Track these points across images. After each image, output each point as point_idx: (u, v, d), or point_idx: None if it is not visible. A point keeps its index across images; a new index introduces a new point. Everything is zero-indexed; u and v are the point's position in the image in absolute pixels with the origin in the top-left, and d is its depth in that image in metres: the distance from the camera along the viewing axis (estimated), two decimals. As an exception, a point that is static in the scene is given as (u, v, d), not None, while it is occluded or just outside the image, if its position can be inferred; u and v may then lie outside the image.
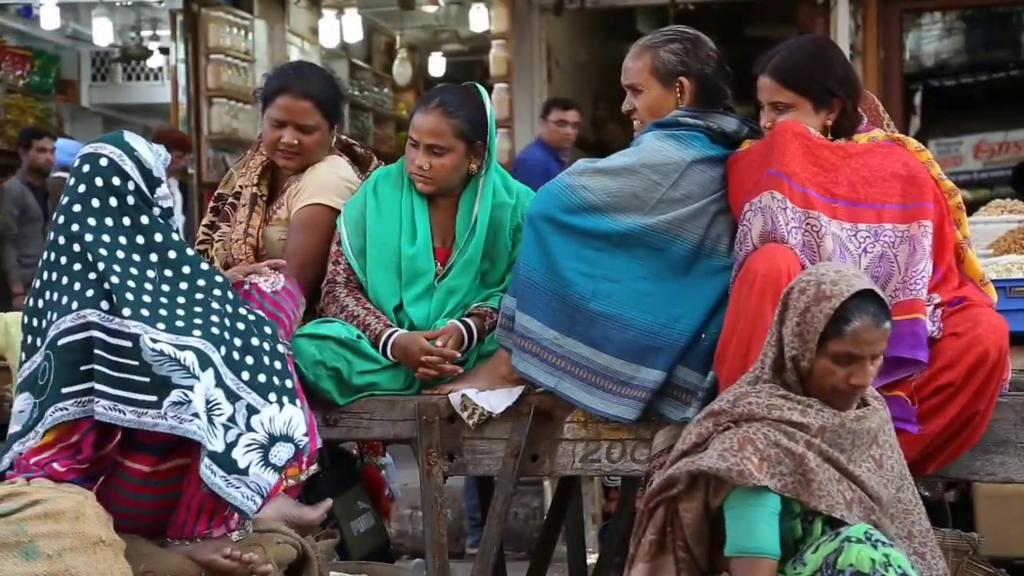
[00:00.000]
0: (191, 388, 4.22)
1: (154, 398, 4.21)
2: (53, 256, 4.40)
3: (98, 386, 4.21)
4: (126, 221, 4.45)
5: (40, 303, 4.40)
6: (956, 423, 4.52)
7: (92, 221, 4.41)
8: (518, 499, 8.26)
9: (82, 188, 4.44)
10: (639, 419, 4.72)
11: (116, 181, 4.45)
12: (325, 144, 5.35)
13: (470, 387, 4.94)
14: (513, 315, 4.82)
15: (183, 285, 4.46)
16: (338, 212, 5.22)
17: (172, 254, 4.48)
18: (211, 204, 5.55)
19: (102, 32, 14.17)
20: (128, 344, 4.25)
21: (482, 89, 5.17)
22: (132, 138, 4.54)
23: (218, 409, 4.28)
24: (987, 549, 5.30)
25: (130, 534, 4.28)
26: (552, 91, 13.24)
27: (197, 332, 4.32)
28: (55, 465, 4.23)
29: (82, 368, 4.26)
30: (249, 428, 4.32)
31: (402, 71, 16.05)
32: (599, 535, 8.25)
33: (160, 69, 15.80)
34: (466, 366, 5.03)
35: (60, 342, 4.28)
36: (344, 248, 5.11)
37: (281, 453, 4.36)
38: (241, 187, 5.43)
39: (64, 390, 4.25)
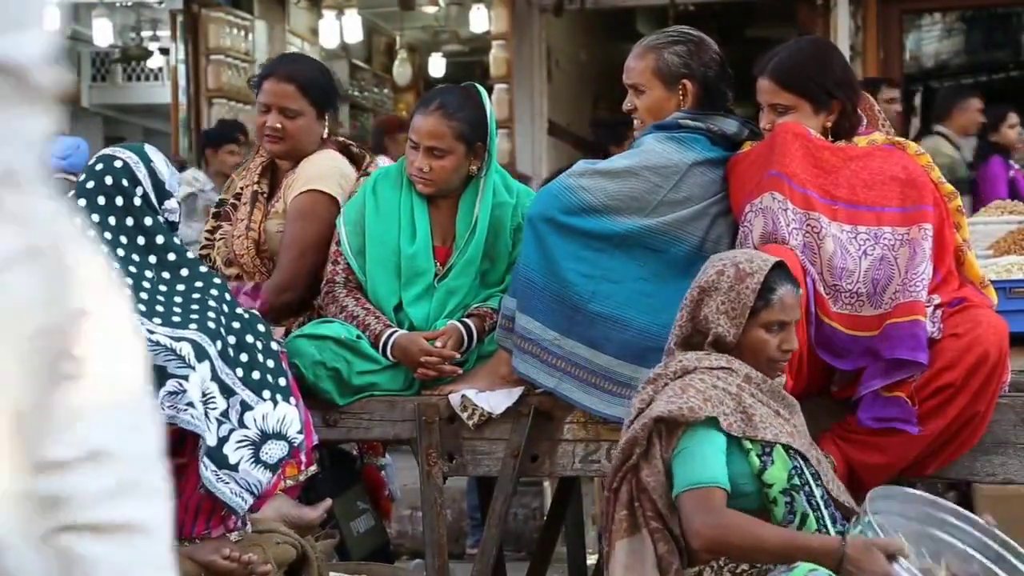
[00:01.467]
0: (186, 378, 4.21)
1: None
2: None
3: None
4: (129, 221, 4.46)
5: None
6: (956, 424, 4.52)
7: (96, 217, 4.43)
8: (518, 500, 8.27)
9: (91, 184, 4.47)
10: (639, 420, 4.73)
11: (125, 183, 4.48)
12: (311, 131, 5.37)
13: (470, 388, 4.94)
14: (513, 316, 4.82)
15: (180, 287, 4.46)
16: (334, 199, 5.25)
17: (172, 256, 4.49)
18: (212, 210, 5.57)
19: (102, 32, 14.19)
20: None
21: (482, 90, 5.18)
22: (152, 151, 4.59)
23: (212, 403, 4.27)
24: (987, 550, 5.29)
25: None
26: (552, 92, 13.26)
27: (193, 326, 4.32)
28: None
29: None
30: (242, 424, 4.31)
31: (402, 72, 16.05)
32: (599, 535, 8.24)
33: (160, 69, 15.81)
34: (466, 367, 5.03)
35: None
36: (343, 248, 5.11)
37: (273, 451, 4.34)
38: (242, 188, 5.46)
39: None
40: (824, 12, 11.80)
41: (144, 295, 4.35)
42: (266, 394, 4.38)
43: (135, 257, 4.43)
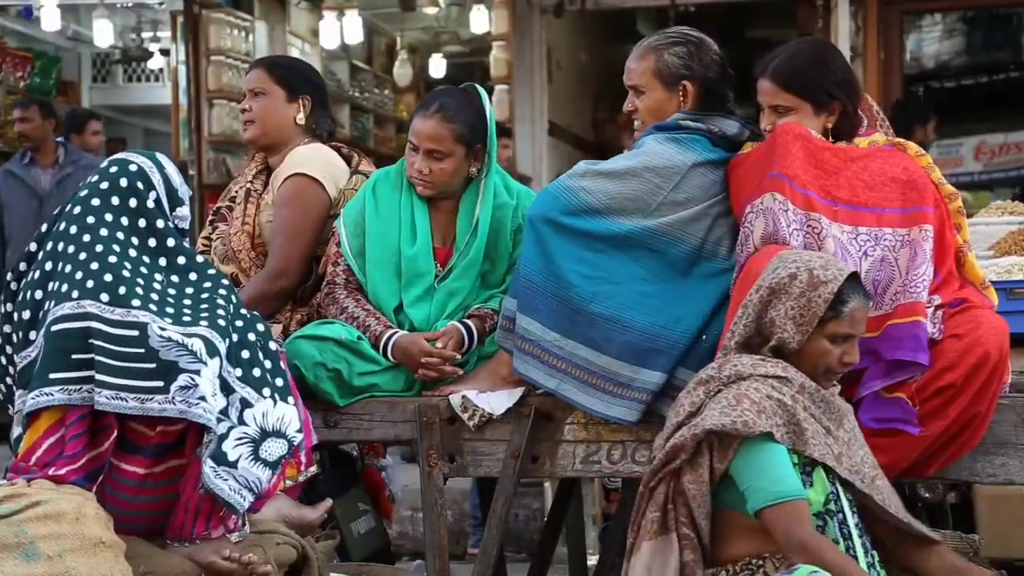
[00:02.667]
0: (198, 372, 4.22)
1: (160, 383, 4.21)
2: (61, 245, 4.40)
3: (99, 376, 4.19)
4: (141, 223, 4.48)
5: (39, 294, 4.39)
6: (957, 424, 4.52)
7: (108, 216, 4.45)
8: (519, 501, 8.27)
9: (104, 184, 4.48)
10: (639, 421, 4.73)
11: (140, 185, 4.50)
12: (278, 111, 5.46)
13: (471, 388, 4.94)
14: (514, 317, 4.82)
15: (189, 289, 4.47)
16: (319, 183, 5.29)
17: (182, 260, 4.52)
18: (209, 217, 5.60)
19: (103, 33, 14.16)
20: (134, 333, 4.24)
21: (482, 91, 5.18)
22: (164, 160, 4.63)
23: (214, 400, 4.28)
24: (988, 551, 5.29)
25: (130, 535, 4.28)
26: (552, 93, 13.25)
27: (204, 323, 4.33)
28: (55, 471, 4.23)
29: (73, 356, 4.24)
30: (241, 422, 4.31)
31: (403, 72, 16.04)
32: (599, 536, 8.25)
33: (161, 70, 15.80)
34: (466, 368, 5.04)
35: (55, 328, 4.27)
36: (343, 249, 5.11)
37: (272, 449, 4.34)
38: (237, 191, 5.50)
39: (52, 375, 4.22)
40: (824, 13, 11.79)
41: (155, 296, 4.36)
42: (266, 392, 4.39)
43: (146, 259, 4.44)
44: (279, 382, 4.45)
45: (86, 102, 15.98)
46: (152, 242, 4.47)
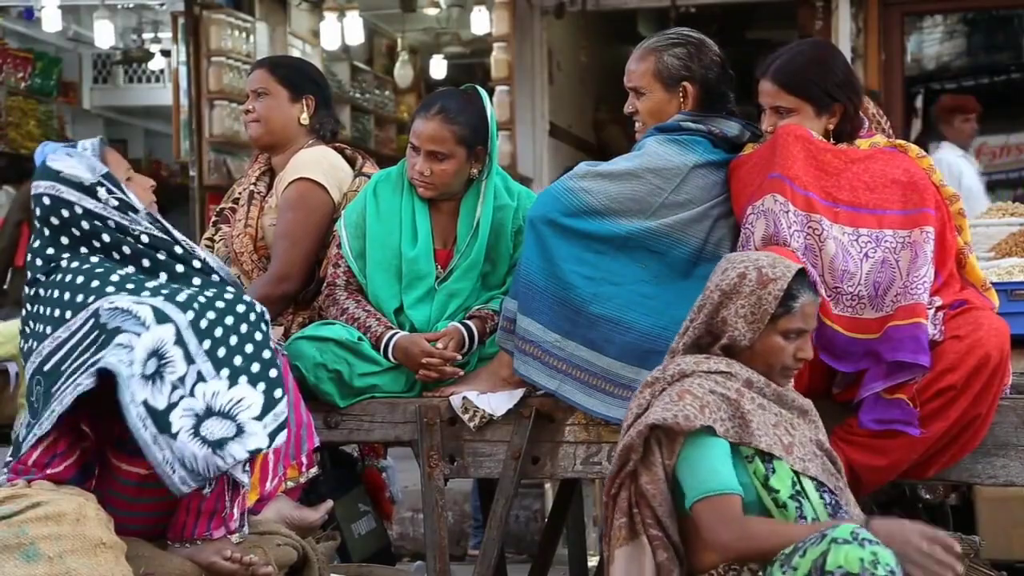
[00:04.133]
0: (137, 335, 4.16)
1: (103, 344, 4.20)
2: (45, 292, 4.45)
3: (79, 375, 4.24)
4: (95, 243, 4.47)
5: (27, 329, 4.47)
6: (957, 426, 4.52)
7: (67, 255, 4.47)
8: (519, 502, 8.27)
9: (47, 232, 4.49)
10: (640, 422, 4.73)
11: (66, 214, 4.47)
12: (282, 111, 5.47)
13: (471, 389, 4.95)
14: (514, 318, 4.82)
15: (155, 284, 4.43)
16: (322, 187, 5.30)
17: (146, 262, 4.48)
18: (212, 219, 5.60)
19: (104, 34, 14.15)
20: (89, 323, 4.27)
21: (483, 92, 5.18)
22: (54, 159, 4.53)
23: (171, 367, 4.19)
24: (988, 552, 5.30)
25: (131, 536, 4.28)
26: (553, 94, 13.25)
27: (160, 299, 4.29)
28: (52, 469, 4.25)
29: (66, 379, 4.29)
30: (191, 394, 4.22)
31: (403, 73, 16.05)
32: (600, 537, 8.24)
33: (161, 71, 15.79)
34: (467, 368, 5.04)
35: (46, 367, 4.34)
36: (344, 251, 5.11)
37: (215, 429, 4.20)
38: (240, 193, 5.50)
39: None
40: (825, 14, 11.79)
41: (112, 288, 4.35)
42: (224, 372, 4.29)
43: (115, 278, 4.42)
44: (255, 368, 4.34)
45: (87, 103, 15.99)
46: (116, 255, 4.46)
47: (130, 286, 4.35)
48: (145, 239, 4.49)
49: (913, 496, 6.47)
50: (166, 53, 14.85)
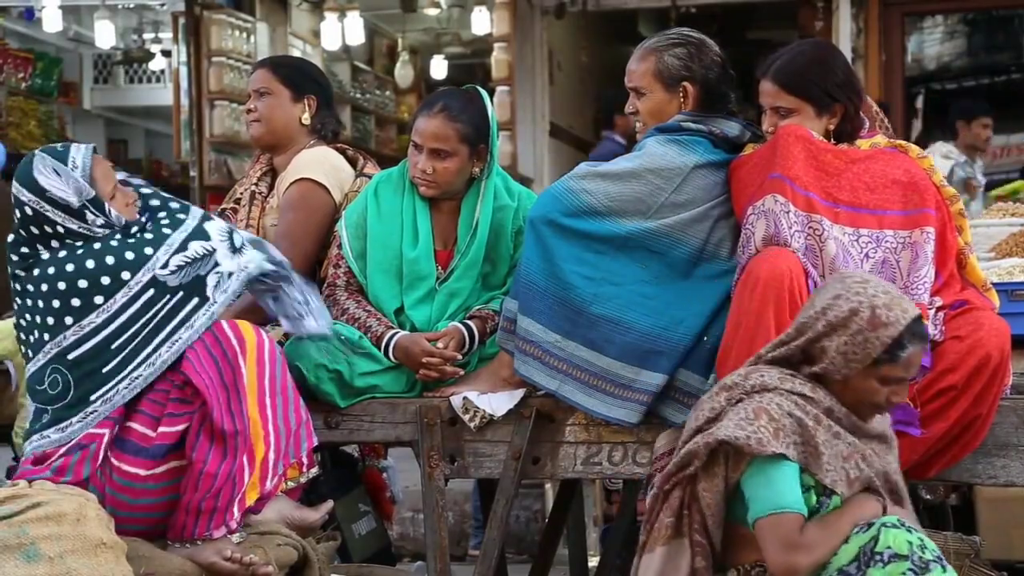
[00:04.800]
0: (217, 264, 4.49)
1: (196, 300, 4.46)
2: (36, 285, 4.50)
3: (151, 346, 4.41)
4: (79, 242, 4.52)
5: (23, 322, 4.54)
6: (958, 426, 4.52)
7: (46, 254, 4.53)
8: (519, 502, 8.27)
9: (24, 234, 4.54)
10: (641, 422, 4.73)
11: (48, 229, 4.51)
12: (283, 111, 5.47)
13: (472, 390, 4.94)
14: (515, 318, 4.82)
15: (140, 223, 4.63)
16: (323, 187, 5.29)
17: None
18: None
19: (104, 34, 14.17)
20: (150, 292, 4.43)
21: (483, 92, 5.18)
22: (41, 173, 4.51)
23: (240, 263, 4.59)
24: (988, 552, 5.29)
25: (131, 536, 4.28)
26: (554, 94, 13.25)
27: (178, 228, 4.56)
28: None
29: (103, 371, 4.39)
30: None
31: (404, 74, 16.06)
32: (600, 538, 8.25)
33: (162, 72, 15.80)
34: (467, 369, 5.03)
35: (72, 355, 4.40)
36: (344, 251, 5.11)
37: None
38: (242, 193, 5.50)
39: (92, 397, 4.40)
40: (826, 14, 11.79)
41: (147, 252, 4.51)
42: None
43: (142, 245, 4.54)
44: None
45: (87, 103, 16.00)
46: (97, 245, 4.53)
47: (151, 239, 4.52)
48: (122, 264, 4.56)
49: (914, 496, 6.47)
50: (167, 53, 14.86)
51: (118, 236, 4.50)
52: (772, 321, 4.41)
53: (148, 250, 4.46)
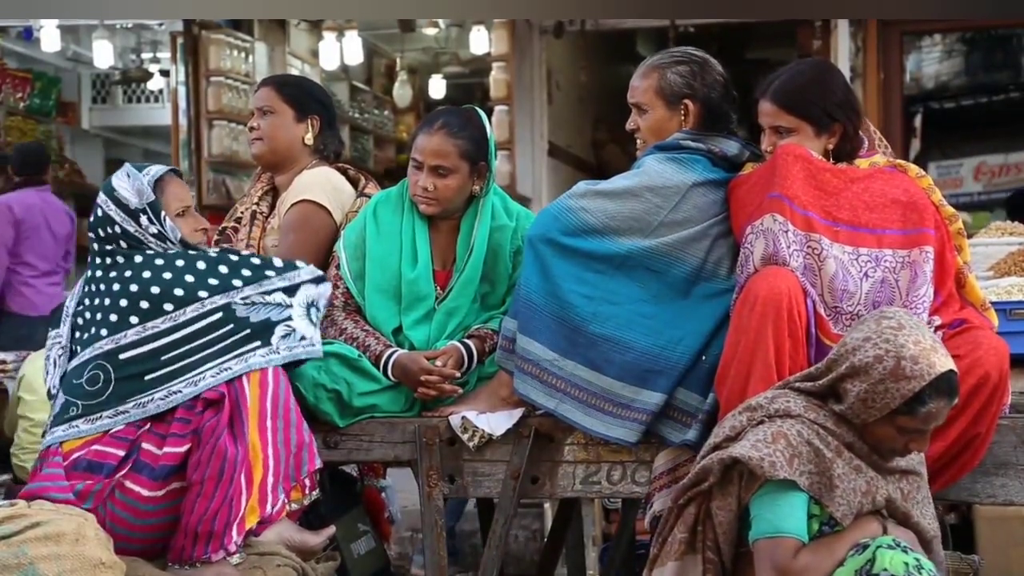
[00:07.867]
0: (289, 319, 4.58)
1: (259, 342, 4.54)
2: (104, 278, 4.64)
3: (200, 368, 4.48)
4: (149, 251, 4.67)
5: (84, 319, 4.65)
6: (957, 445, 4.52)
7: (121, 256, 4.66)
8: (518, 521, 8.26)
9: (94, 238, 4.71)
10: (639, 441, 4.72)
11: (109, 230, 4.68)
12: (286, 130, 5.48)
13: (470, 409, 4.94)
14: (514, 337, 4.82)
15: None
16: (326, 209, 5.30)
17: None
18: (214, 238, 5.60)
19: (102, 54, 14.17)
20: (218, 315, 4.53)
21: (481, 112, 5.18)
22: (119, 175, 4.74)
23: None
24: (987, 571, 5.30)
25: (131, 557, 4.28)
26: (552, 113, 13.27)
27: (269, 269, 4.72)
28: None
29: (147, 377, 4.50)
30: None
31: (402, 93, 16.08)
32: (599, 557, 8.21)
33: (160, 91, 15.79)
34: (466, 388, 5.03)
35: (124, 356, 4.49)
36: (343, 272, 5.11)
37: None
38: (243, 212, 5.50)
39: (128, 399, 4.48)
40: (824, 34, 11.81)
41: (232, 279, 4.66)
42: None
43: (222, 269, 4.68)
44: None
45: (86, 123, 15.98)
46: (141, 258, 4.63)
47: (247, 273, 4.66)
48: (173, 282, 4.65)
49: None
50: (165, 73, 14.86)
51: (191, 253, 4.66)
52: (771, 340, 4.41)
53: (236, 282, 4.60)
